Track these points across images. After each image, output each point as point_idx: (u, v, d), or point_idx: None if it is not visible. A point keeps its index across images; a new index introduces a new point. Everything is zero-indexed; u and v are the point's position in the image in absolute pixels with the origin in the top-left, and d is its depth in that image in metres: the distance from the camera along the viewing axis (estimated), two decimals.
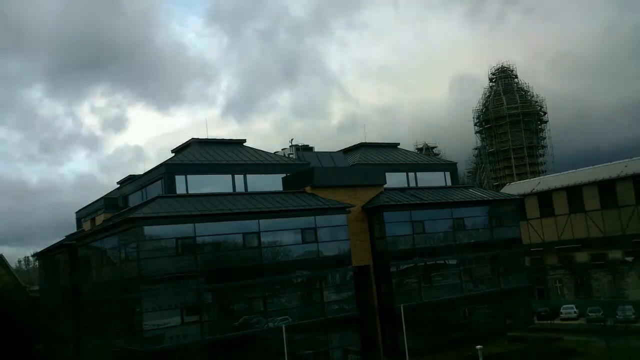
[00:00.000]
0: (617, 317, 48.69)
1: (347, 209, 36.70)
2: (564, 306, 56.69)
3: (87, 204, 52.82)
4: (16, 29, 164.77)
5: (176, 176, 36.99)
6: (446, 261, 41.77)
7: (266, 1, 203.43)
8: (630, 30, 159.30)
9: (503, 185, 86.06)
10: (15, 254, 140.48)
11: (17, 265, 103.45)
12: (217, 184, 37.51)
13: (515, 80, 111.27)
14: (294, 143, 51.27)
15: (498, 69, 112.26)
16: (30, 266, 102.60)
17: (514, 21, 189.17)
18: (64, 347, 45.88)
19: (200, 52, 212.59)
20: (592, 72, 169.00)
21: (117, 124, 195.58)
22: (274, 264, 33.78)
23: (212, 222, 31.94)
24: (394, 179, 44.24)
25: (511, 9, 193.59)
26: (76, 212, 55.96)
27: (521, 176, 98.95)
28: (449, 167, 51.27)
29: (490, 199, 45.48)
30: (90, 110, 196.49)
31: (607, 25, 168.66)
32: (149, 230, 30.30)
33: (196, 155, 39.84)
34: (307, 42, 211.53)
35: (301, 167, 41.39)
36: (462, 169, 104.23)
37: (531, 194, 65.18)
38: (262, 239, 33.30)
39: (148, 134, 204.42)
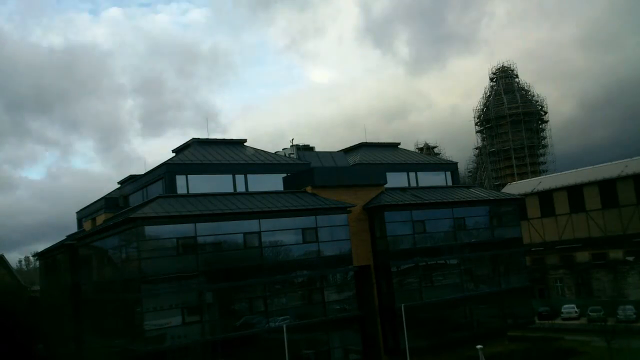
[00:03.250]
0: (618, 316, 48.66)
1: (347, 209, 36.69)
2: (565, 306, 56.62)
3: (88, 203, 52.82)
4: None
5: (177, 176, 37.02)
6: (447, 261, 41.78)
7: None
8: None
9: (504, 185, 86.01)
10: (16, 254, 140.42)
11: (18, 265, 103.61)
12: (218, 184, 37.48)
13: (516, 79, 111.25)
14: (294, 143, 51.29)
15: (499, 68, 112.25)
16: (31, 266, 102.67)
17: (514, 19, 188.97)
18: (65, 347, 45.89)
19: None
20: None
21: None
22: (274, 264, 33.78)
23: (213, 222, 31.92)
24: (395, 179, 44.28)
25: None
26: (77, 212, 55.95)
27: (522, 176, 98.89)
28: (450, 166, 51.27)
29: (491, 198, 45.45)
30: None
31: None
32: (150, 230, 30.28)
33: (197, 155, 39.84)
34: None
35: (302, 167, 41.39)
36: (462, 169, 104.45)
37: (532, 194, 65.14)
38: (263, 239, 33.29)
39: None
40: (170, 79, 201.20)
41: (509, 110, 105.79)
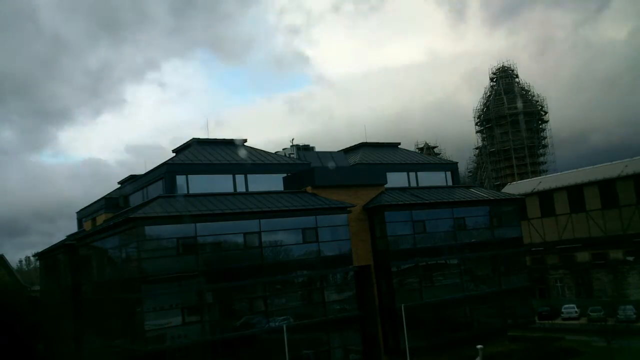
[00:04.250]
0: (618, 316, 48.58)
1: (348, 209, 36.69)
2: (565, 306, 56.62)
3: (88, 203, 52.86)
4: None
5: (177, 176, 37.04)
6: (447, 261, 41.77)
7: None
8: None
9: (504, 184, 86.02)
10: (17, 254, 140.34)
11: (18, 265, 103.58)
12: (218, 183, 37.47)
13: (516, 79, 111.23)
14: (294, 143, 51.37)
15: (499, 68, 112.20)
16: (31, 266, 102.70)
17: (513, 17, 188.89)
18: (65, 347, 45.91)
19: None
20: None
21: None
22: (274, 264, 33.75)
23: (213, 222, 31.88)
24: (395, 179, 44.29)
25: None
26: (77, 212, 55.98)
27: (522, 176, 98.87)
28: (450, 166, 51.31)
29: (491, 198, 45.46)
30: None
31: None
32: (150, 230, 30.26)
33: (197, 155, 39.85)
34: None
35: (302, 167, 41.41)
36: (463, 169, 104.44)
37: (532, 194, 65.13)
38: (263, 239, 33.26)
39: None
40: None
41: (509, 110, 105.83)
